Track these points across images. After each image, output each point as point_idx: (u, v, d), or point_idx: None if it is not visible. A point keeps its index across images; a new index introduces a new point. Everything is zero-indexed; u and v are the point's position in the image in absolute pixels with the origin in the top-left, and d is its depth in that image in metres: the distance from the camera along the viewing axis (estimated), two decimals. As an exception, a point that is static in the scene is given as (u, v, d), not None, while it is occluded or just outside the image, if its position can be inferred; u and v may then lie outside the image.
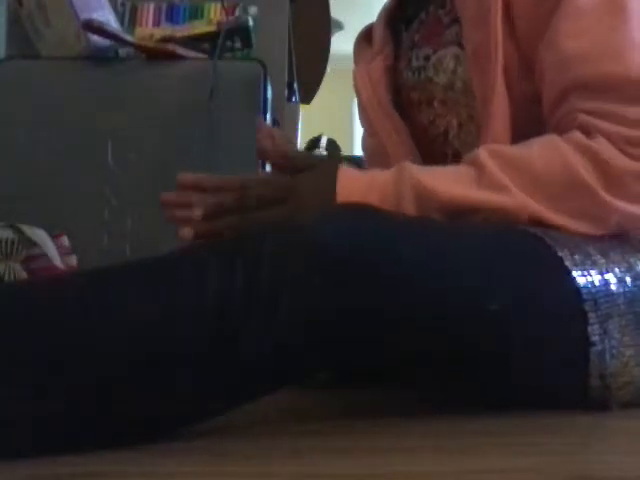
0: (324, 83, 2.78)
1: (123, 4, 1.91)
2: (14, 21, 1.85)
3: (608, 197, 0.82)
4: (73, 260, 1.38)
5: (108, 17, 1.73)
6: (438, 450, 0.66)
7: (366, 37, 1.20)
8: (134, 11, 1.91)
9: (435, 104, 1.05)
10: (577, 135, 0.85)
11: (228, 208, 0.86)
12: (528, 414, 0.78)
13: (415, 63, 1.07)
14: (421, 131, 1.10)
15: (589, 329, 0.77)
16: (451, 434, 0.71)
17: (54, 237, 1.34)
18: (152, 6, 1.91)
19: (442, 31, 1.03)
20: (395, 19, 1.15)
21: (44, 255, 1.29)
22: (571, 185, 0.83)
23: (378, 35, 1.15)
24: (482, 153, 0.85)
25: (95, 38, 1.67)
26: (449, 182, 0.84)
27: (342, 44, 3.14)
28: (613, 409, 0.80)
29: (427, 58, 1.05)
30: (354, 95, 1.16)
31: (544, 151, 0.84)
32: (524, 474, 0.59)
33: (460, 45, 0.99)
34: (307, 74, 2.51)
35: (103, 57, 1.70)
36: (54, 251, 1.30)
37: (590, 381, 0.78)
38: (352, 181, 0.85)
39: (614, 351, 0.78)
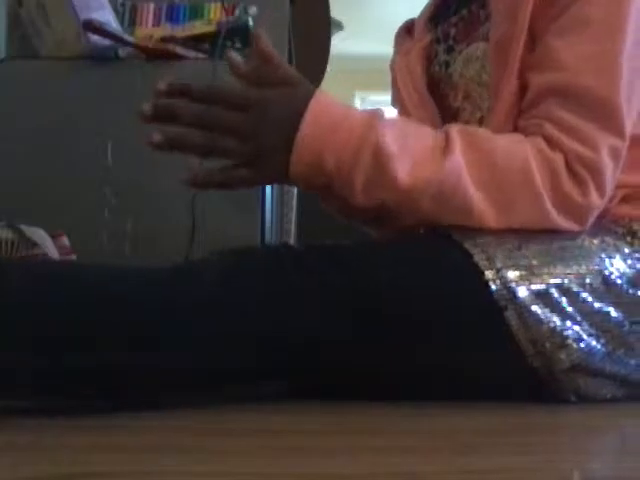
0: (324, 83, 2.78)
1: (123, 4, 1.91)
2: (14, 21, 1.86)
3: (551, 207, 0.86)
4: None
5: (108, 17, 1.73)
6: (438, 450, 0.66)
7: (407, 29, 1.22)
8: (134, 11, 1.91)
9: (459, 97, 1.06)
10: (542, 143, 0.88)
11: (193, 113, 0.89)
12: (527, 414, 0.78)
13: (442, 57, 1.09)
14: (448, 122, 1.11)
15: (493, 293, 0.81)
16: (451, 434, 0.71)
17: (54, 237, 1.34)
18: (152, 6, 1.91)
19: (477, 27, 1.06)
20: (437, 15, 1.16)
21: (44, 255, 1.29)
22: (523, 185, 0.86)
23: (420, 27, 1.17)
24: (452, 131, 0.87)
25: (95, 38, 1.67)
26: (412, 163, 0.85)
27: (342, 44, 3.14)
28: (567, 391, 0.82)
29: (459, 52, 1.07)
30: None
31: (510, 144, 0.88)
32: (523, 474, 0.59)
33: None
34: (307, 74, 2.51)
35: (103, 57, 1.70)
36: (54, 251, 1.31)
37: (522, 346, 0.80)
38: (318, 123, 0.86)
39: (530, 316, 0.80)
